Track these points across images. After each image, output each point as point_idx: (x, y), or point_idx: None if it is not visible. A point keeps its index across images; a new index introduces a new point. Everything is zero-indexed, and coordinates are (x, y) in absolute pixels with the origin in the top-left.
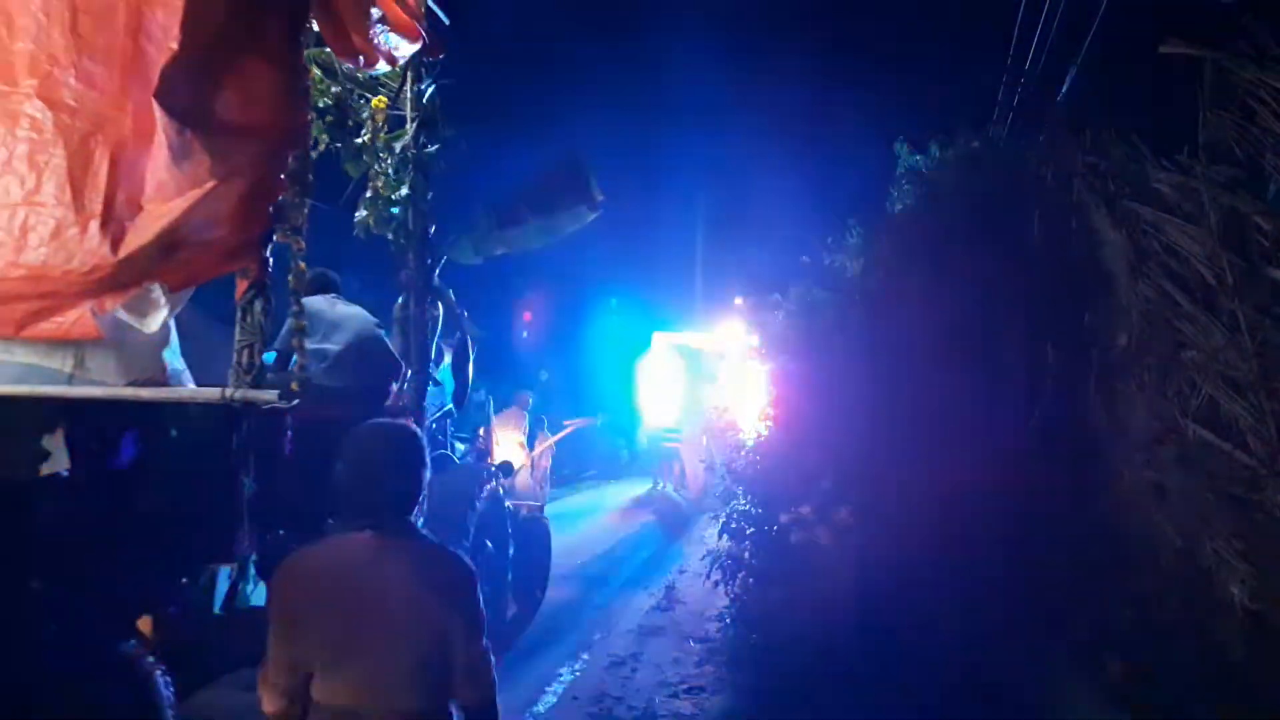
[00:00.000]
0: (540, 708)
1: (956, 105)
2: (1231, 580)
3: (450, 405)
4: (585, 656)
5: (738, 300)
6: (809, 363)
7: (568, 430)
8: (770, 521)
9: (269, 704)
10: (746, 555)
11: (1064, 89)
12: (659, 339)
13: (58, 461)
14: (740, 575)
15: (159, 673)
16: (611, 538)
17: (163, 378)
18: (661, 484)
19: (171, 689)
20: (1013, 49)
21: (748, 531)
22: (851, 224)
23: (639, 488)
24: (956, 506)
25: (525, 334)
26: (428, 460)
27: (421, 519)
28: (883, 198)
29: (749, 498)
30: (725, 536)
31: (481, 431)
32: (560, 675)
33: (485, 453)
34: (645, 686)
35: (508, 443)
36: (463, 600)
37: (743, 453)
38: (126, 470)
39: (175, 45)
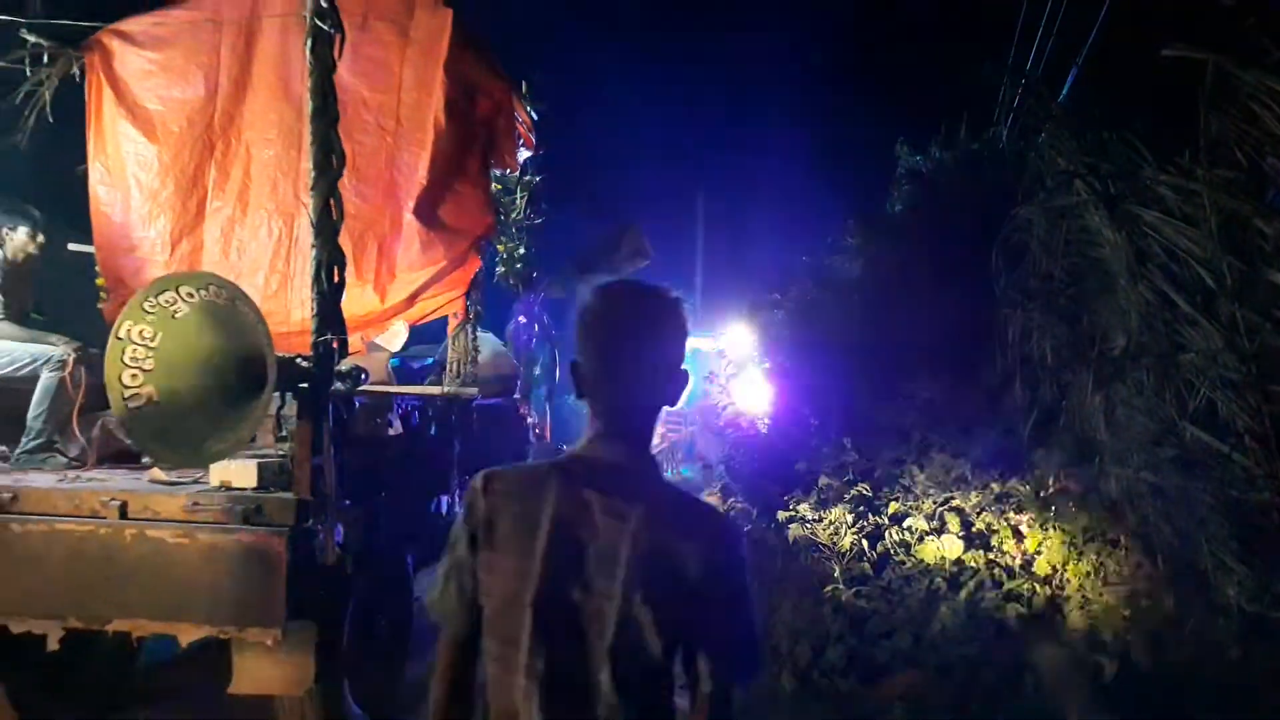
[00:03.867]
0: None
1: (957, 107)
2: (1228, 581)
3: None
4: None
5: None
6: (807, 361)
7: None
8: (768, 518)
9: None
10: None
11: (1065, 90)
12: None
13: (395, 427)
14: None
15: (409, 552)
16: None
17: (389, 380)
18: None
19: (412, 564)
20: (1014, 50)
21: (745, 528)
22: (851, 224)
23: None
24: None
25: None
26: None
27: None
28: (883, 198)
29: (747, 494)
30: None
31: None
32: None
33: (541, 435)
34: None
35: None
36: None
37: (741, 449)
38: (413, 433)
39: (424, 179)
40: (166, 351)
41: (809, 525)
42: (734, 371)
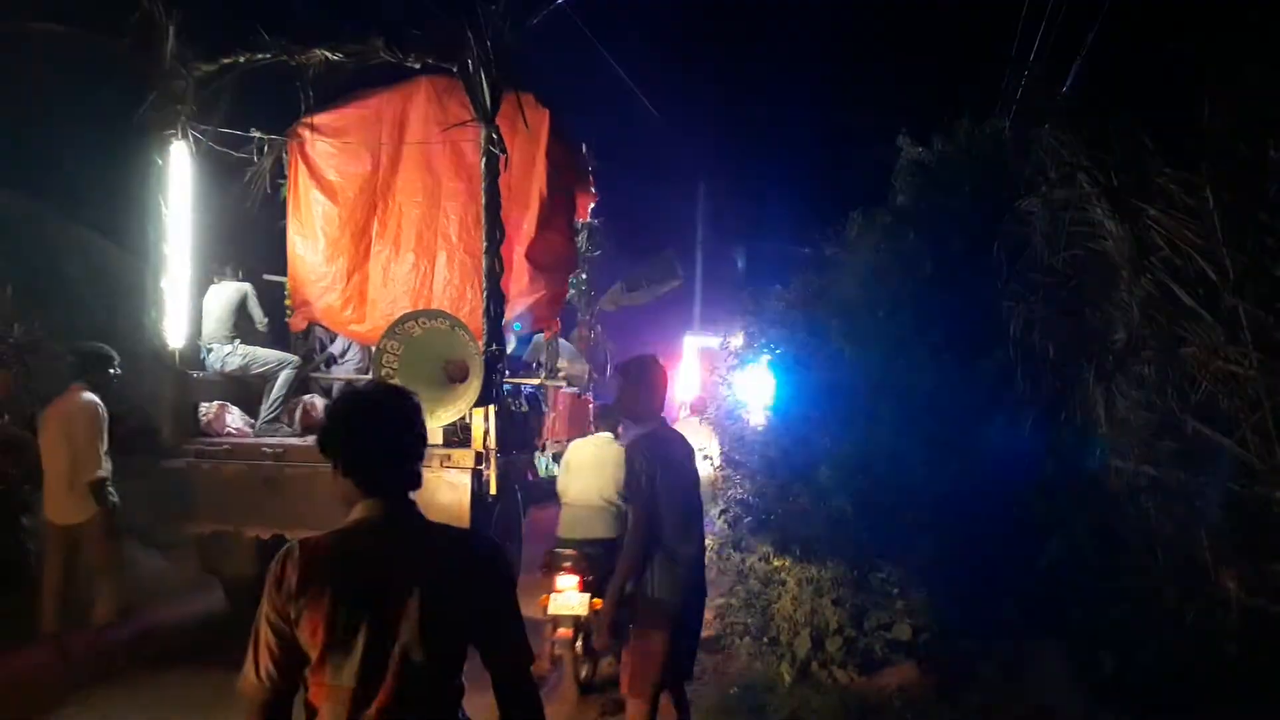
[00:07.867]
0: None
1: (960, 98)
2: (1228, 575)
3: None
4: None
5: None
6: (807, 353)
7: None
8: (768, 511)
9: None
10: (743, 544)
11: (1068, 81)
12: (689, 342)
13: (522, 407)
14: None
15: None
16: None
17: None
18: None
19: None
20: (1017, 40)
21: (744, 520)
22: (853, 215)
23: None
24: (953, 499)
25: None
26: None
27: None
28: (886, 190)
29: (747, 487)
30: (723, 522)
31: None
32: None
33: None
34: None
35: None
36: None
37: (741, 441)
38: (529, 411)
39: (530, 231)
40: (407, 359)
41: (810, 517)
42: (735, 363)
